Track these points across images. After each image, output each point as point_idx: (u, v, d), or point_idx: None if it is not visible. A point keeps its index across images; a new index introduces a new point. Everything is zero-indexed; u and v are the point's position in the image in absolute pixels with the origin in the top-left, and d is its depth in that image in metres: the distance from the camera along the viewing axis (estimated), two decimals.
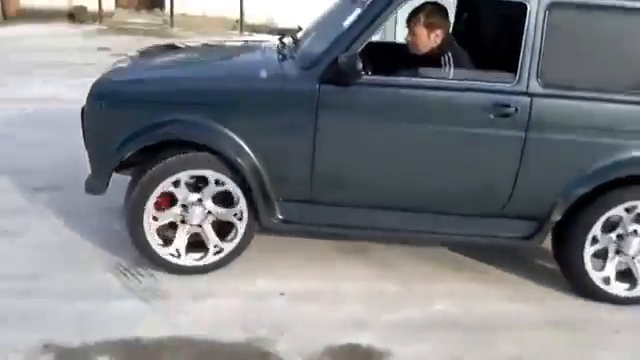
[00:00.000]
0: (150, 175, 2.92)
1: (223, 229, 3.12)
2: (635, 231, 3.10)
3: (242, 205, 3.02)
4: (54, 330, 2.58)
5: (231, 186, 2.98)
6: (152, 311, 2.82)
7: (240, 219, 3.06)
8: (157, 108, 2.93)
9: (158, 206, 2.99)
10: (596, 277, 3.13)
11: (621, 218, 3.06)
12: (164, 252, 3.04)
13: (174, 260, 3.06)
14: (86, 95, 3.06)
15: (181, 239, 3.05)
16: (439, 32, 3.14)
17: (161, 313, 2.80)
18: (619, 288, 3.17)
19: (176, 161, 2.92)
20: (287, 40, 3.54)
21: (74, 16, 11.90)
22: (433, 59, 3.07)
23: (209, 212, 3.03)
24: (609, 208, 3.02)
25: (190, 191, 2.99)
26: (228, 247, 3.10)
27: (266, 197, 2.99)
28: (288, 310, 2.94)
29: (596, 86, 2.89)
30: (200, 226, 3.04)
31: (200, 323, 2.75)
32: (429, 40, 3.15)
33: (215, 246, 3.08)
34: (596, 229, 3.05)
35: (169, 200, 3.01)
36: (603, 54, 2.92)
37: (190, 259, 3.09)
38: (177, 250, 3.06)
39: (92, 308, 2.79)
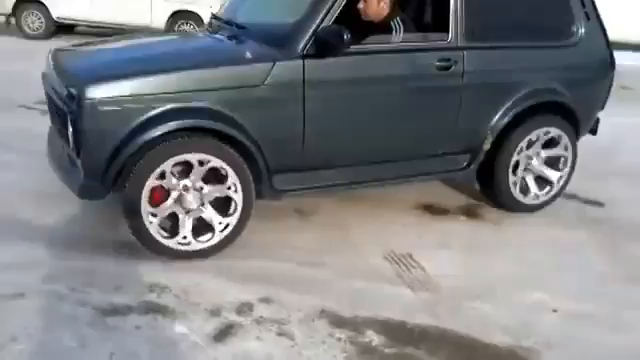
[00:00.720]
0: (135, 173, 2.91)
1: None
2: (538, 153, 3.85)
3: (233, 177, 3.05)
4: (330, 299, 2.83)
5: (216, 162, 3.00)
6: (419, 300, 2.90)
7: (235, 191, 3.08)
8: (157, 100, 2.90)
9: (154, 202, 2.99)
10: (525, 199, 3.86)
11: (522, 148, 3.75)
12: (173, 243, 3.06)
13: (185, 248, 3.08)
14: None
15: (186, 226, 3.06)
16: (387, 0, 3.46)
17: (427, 304, 2.87)
18: (542, 195, 3.92)
19: (158, 152, 2.91)
20: (215, 23, 3.83)
21: None
22: (383, 25, 3.43)
23: (204, 193, 3.06)
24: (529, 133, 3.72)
25: (178, 179, 3.00)
26: (232, 220, 3.13)
27: (266, 170, 3.14)
28: (560, 327, 2.76)
29: (506, 37, 3.59)
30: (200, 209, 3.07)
31: (465, 321, 2.74)
32: (378, 7, 3.47)
33: (220, 223, 3.10)
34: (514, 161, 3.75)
35: (164, 193, 3.01)
36: (509, 12, 3.63)
37: (200, 243, 3.10)
38: (185, 237, 3.07)
39: (365, 287, 2.98)
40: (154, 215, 2.99)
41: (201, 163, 2.99)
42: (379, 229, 3.60)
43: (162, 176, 2.95)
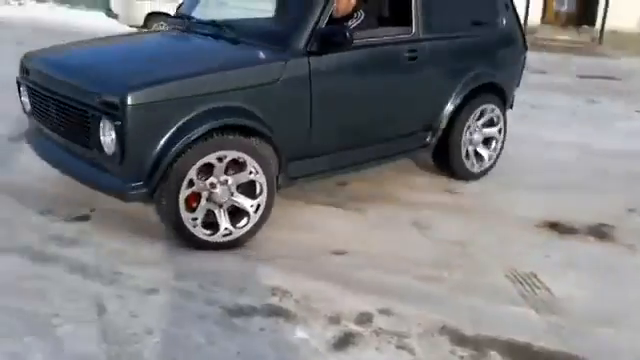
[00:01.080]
0: (167, 189, 3.05)
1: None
2: (479, 129, 4.43)
3: (251, 162, 3.21)
4: (450, 316, 2.77)
5: (232, 154, 3.15)
6: (544, 323, 2.78)
7: (257, 173, 3.23)
8: (194, 102, 3.06)
9: (190, 207, 3.13)
10: (473, 168, 4.45)
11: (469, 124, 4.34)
12: (218, 237, 3.23)
13: (229, 238, 3.26)
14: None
15: (223, 218, 3.23)
16: None
17: (554, 327, 2.74)
18: (477, 166, 4.49)
19: (187, 159, 3.03)
20: (186, 23, 4.03)
21: None
22: (348, 19, 3.76)
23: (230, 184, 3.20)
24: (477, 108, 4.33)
25: (204, 180, 3.13)
26: (261, 200, 3.30)
27: (284, 159, 3.39)
28: None
29: (453, 29, 4.13)
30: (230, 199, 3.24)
31: (595, 347, 2.60)
32: (348, 4, 3.77)
33: (251, 206, 3.27)
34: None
35: (196, 196, 3.15)
36: (453, 7, 4.18)
37: (240, 229, 3.28)
38: (226, 229, 3.23)
39: (486, 305, 2.90)
40: (194, 219, 3.16)
41: (220, 159, 3.13)
42: (501, 246, 3.49)
43: (191, 183, 3.09)
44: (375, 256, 3.34)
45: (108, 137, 3.01)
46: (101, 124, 3.02)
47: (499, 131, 4.56)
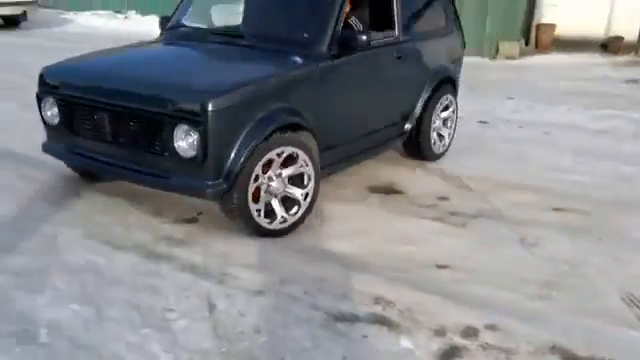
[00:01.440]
0: (238, 184, 3.32)
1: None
2: (438, 115, 5.09)
3: (303, 156, 3.55)
4: (561, 336, 2.66)
5: (289, 150, 3.47)
6: None
7: (307, 165, 3.57)
8: (259, 104, 3.38)
9: (254, 200, 3.41)
10: (438, 150, 5.17)
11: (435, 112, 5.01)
12: (276, 225, 3.53)
13: (284, 225, 3.57)
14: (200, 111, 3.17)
15: (279, 208, 3.54)
16: (349, 4, 4.13)
17: None
18: (441, 147, 5.22)
19: (254, 156, 3.32)
20: (190, 32, 4.43)
21: (607, 46, 11.75)
22: (346, 25, 4.11)
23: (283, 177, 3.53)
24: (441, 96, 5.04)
25: (265, 172, 3.43)
26: (309, 189, 3.64)
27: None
28: None
29: (421, 32, 4.81)
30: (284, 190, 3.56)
31: None
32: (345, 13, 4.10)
33: (302, 194, 3.59)
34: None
35: (257, 190, 3.42)
36: (418, 14, 4.87)
37: (293, 216, 3.60)
38: (282, 217, 3.55)
39: (600, 327, 2.76)
40: (258, 210, 3.46)
41: (278, 155, 3.46)
42: (615, 268, 3.33)
43: (256, 178, 3.39)
44: (479, 271, 3.26)
45: (183, 142, 3.25)
46: (175, 130, 3.24)
47: (452, 111, 5.26)
